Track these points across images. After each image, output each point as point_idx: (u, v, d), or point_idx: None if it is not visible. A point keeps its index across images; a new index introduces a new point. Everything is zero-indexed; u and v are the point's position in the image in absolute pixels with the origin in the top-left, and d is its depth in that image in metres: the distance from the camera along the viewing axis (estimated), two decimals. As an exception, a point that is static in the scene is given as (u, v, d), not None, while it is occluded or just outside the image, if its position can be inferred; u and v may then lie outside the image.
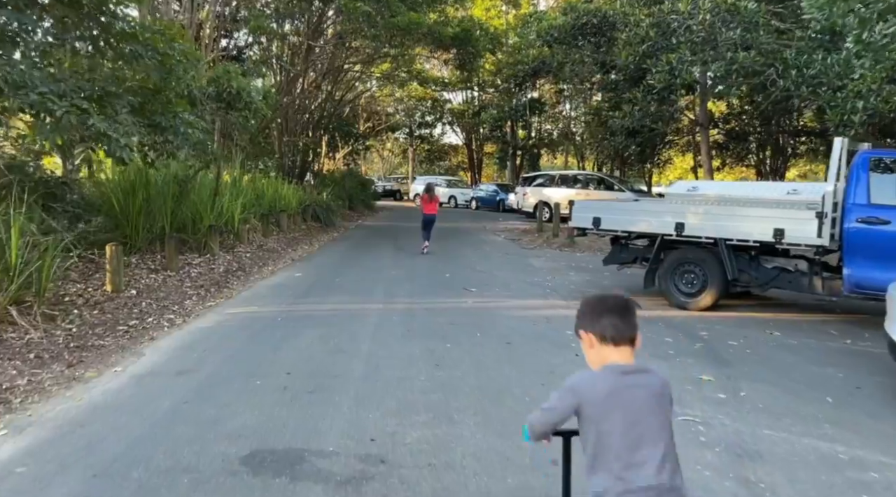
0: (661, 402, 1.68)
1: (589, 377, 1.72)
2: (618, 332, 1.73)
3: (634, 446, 1.61)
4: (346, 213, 22.94)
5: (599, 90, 20.64)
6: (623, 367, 1.70)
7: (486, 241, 15.58)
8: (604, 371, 1.71)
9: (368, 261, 11.15)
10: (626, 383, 1.67)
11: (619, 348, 1.73)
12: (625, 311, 1.76)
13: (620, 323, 1.74)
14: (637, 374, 1.70)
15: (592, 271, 10.19)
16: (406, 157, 48.83)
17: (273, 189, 15.31)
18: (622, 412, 1.63)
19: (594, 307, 1.80)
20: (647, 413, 1.64)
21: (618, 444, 1.61)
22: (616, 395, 1.65)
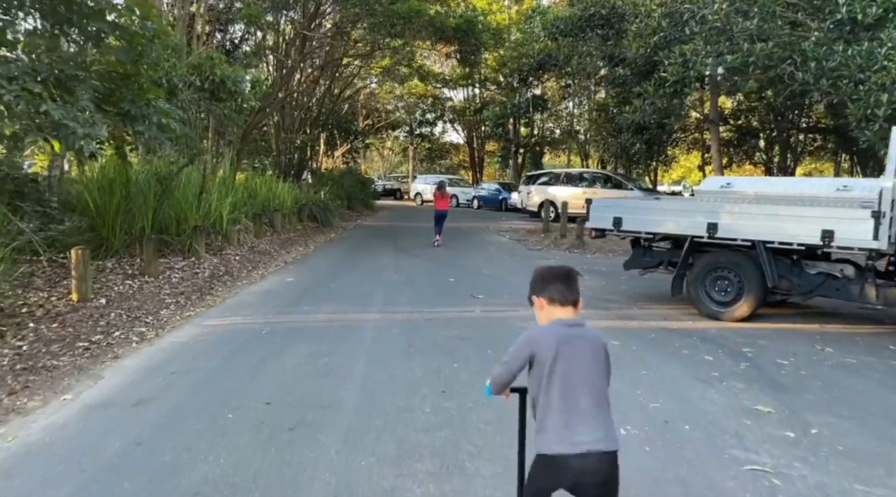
0: (597, 350, 2.01)
1: (540, 329, 2.06)
2: (562, 295, 2.06)
3: (578, 394, 1.92)
4: (345, 213, 22.22)
5: (606, 85, 19.90)
6: (567, 320, 2.04)
7: (490, 241, 14.84)
8: (552, 324, 2.05)
9: (367, 263, 10.41)
10: (570, 333, 2.00)
11: (564, 308, 2.06)
12: (568, 279, 2.10)
13: (565, 288, 2.07)
14: (578, 326, 2.03)
15: (607, 275, 9.46)
16: (406, 156, 48.09)
17: (267, 187, 14.58)
18: (566, 356, 1.95)
19: (544, 276, 2.15)
20: (586, 359, 1.97)
21: (562, 384, 1.93)
22: (562, 341, 1.97)
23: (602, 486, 1.92)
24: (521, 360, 2.03)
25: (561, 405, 1.92)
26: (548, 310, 2.09)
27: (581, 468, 1.89)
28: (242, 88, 7.57)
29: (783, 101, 18.55)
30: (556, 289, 2.08)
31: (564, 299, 2.06)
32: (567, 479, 1.92)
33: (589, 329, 2.04)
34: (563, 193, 21.05)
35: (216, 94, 7.42)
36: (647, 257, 7.13)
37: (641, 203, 7.29)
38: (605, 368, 2.01)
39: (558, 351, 1.95)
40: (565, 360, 1.94)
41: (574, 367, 1.95)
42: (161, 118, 5.82)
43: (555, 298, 2.07)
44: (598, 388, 1.96)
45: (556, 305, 2.06)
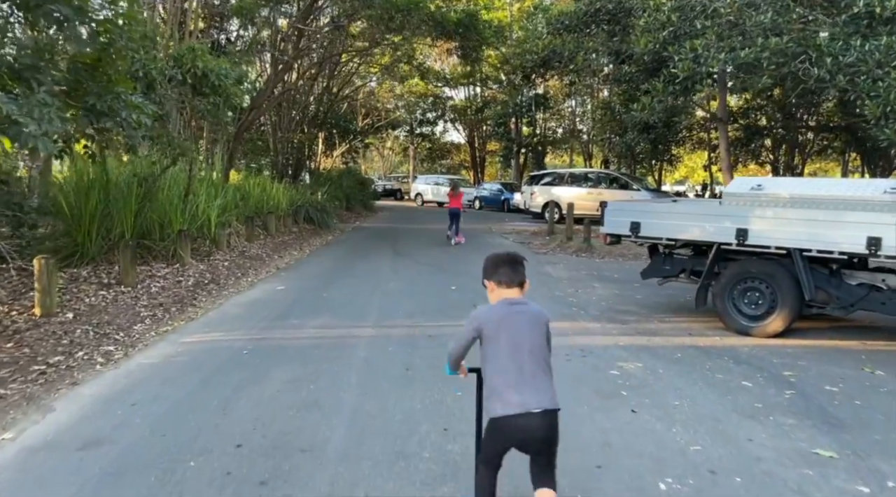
0: (538, 324, 2.34)
1: (487, 308, 2.39)
2: (508, 278, 2.40)
3: (522, 362, 2.24)
4: (343, 214, 21.63)
5: (612, 83, 19.30)
6: (511, 300, 2.37)
7: (493, 244, 14.24)
8: (498, 303, 2.39)
9: (363, 270, 9.81)
10: (513, 310, 2.34)
11: (511, 289, 2.39)
12: (514, 264, 2.44)
13: (510, 271, 2.41)
14: (521, 304, 2.37)
15: (620, 282, 8.85)
16: (407, 156, 47.50)
17: (260, 188, 13.99)
18: (509, 330, 2.29)
19: (493, 262, 2.47)
20: (527, 331, 2.30)
21: (508, 359, 2.24)
22: (506, 318, 2.31)
23: (544, 441, 2.23)
24: (469, 335, 2.36)
25: (506, 372, 2.22)
26: (497, 292, 2.40)
27: (526, 427, 2.18)
28: (227, 83, 6.97)
29: (794, 99, 17.93)
30: (503, 272, 2.39)
31: (510, 281, 2.37)
32: (515, 437, 2.23)
33: (531, 306, 2.37)
34: (568, 194, 20.48)
35: (198, 89, 6.83)
36: (667, 265, 6.53)
37: (661, 206, 6.68)
38: (546, 339, 2.35)
39: (501, 325, 2.27)
40: (508, 333, 2.26)
41: (516, 338, 2.26)
42: (131, 114, 5.22)
43: (502, 281, 2.38)
44: (539, 356, 2.27)
45: (504, 287, 2.38)
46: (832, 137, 25.06)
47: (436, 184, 34.25)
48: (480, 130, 41.96)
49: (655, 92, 15.02)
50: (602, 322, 6.35)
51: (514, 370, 2.22)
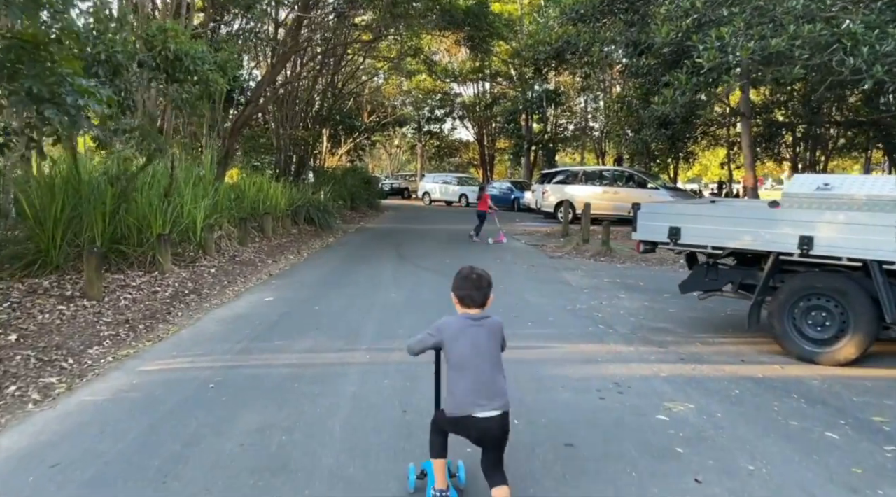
0: (494, 334, 2.63)
1: (450, 321, 2.65)
2: (472, 300, 2.64)
3: (483, 369, 2.54)
4: (347, 215, 20.81)
5: (629, 76, 18.33)
6: (472, 316, 2.63)
7: (504, 247, 13.35)
8: (460, 317, 2.65)
9: (363, 277, 8.95)
10: (471, 324, 2.61)
11: (472, 308, 2.64)
12: (479, 288, 2.64)
13: (476, 295, 2.63)
14: (481, 319, 2.63)
15: (647, 292, 7.94)
16: (414, 154, 46.64)
17: (256, 188, 13.16)
18: (469, 341, 2.57)
19: (462, 281, 2.67)
20: (485, 342, 2.59)
21: (464, 361, 2.55)
22: (464, 331, 2.59)
23: (496, 439, 2.55)
24: (430, 342, 2.67)
25: (465, 379, 2.54)
26: (461, 308, 2.67)
27: (486, 427, 2.51)
28: (204, 68, 6.12)
29: (822, 93, 16.88)
30: (467, 294, 2.64)
31: (473, 302, 2.64)
32: (471, 434, 2.56)
33: (490, 320, 2.65)
34: (582, 193, 19.53)
35: (172, 74, 5.98)
36: (711, 278, 5.61)
37: (704, 209, 5.74)
38: (499, 345, 2.67)
39: (461, 336, 2.58)
40: (468, 344, 2.57)
41: (476, 349, 2.56)
42: (79, 100, 4.37)
43: (465, 300, 2.65)
44: (495, 364, 2.59)
45: (467, 305, 2.65)
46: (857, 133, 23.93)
47: (444, 182, 33.37)
48: (489, 127, 41.04)
49: (678, 84, 14.05)
50: (635, 344, 5.44)
51: (473, 377, 2.53)
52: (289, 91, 20.47)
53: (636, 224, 5.77)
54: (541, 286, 8.40)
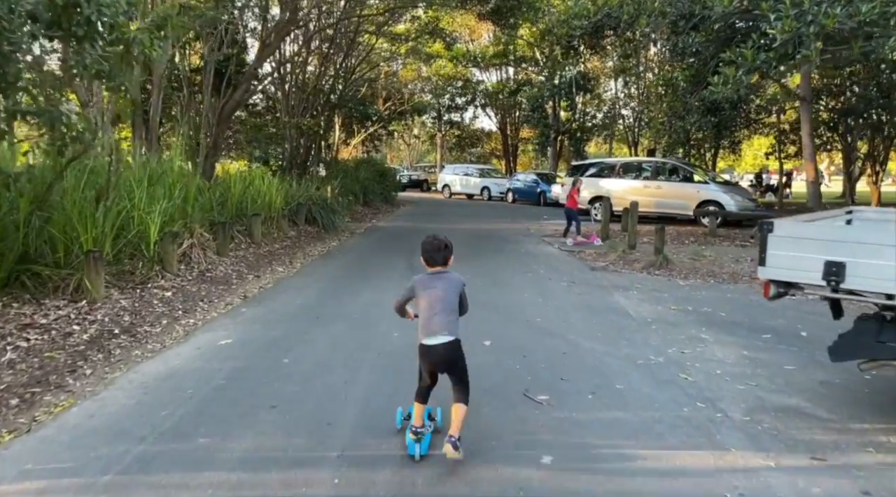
0: (453, 286, 3.32)
1: (419, 277, 3.38)
2: (434, 260, 3.35)
3: (435, 311, 3.24)
4: (358, 211, 18.91)
5: (677, 56, 16.07)
6: (435, 271, 3.36)
7: (535, 254, 11.31)
8: (426, 274, 3.38)
9: (360, 303, 7.00)
10: (434, 278, 3.33)
11: (435, 266, 3.36)
12: (438, 251, 3.35)
13: (436, 255, 3.35)
14: (442, 274, 3.35)
15: (738, 329, 5.85)
16: (434, 144, 44.58)
17: (244, 184, 11.29)
18: (429, 289, 3.29)
19: (425, 248, 3.38)
20: (441, 291, 3.28)
21: (428, 309, 3.26)
22: (428, 283, 3.32)
23: (448, 362, 3.28)
24: (406, 294, 3.44)
25: (425, 316, 3.27)
26: (427, 266, 3.38)
27: (434, 352, 3.25)
28: (119, 20, 4.21)
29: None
30: (430, 256, 3.36)
31: (435, 262, 3.35)
32: (429, 359, 3.29)
33: (449, 275, 3.37)
34: (620, 187, 17.40)
35: (68, 29, 4.08)
36: (884, 338, 3.52)
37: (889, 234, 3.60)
38: (458, 297, 3.34)
39: (426, 286, 3.30)
40: (428, 292, 3.28)
41: (433, 295, 3.26)
42: None
43: (429, 261, 3.37)
44: (448, 305, 3.27)
45: (431, 265, 3.37)
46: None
47: (465, 174, 31.33)
48: (513, 116, 38.82)
49: (743, 61, 11.77)
50: (766, 446, 3.41)
51: (430, 316, 3.25)
52: (296, 75, 18.59)
53: (765, 253, 3.68)
54: (590, 318, 6.37)
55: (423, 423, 3.32)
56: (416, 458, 3.19)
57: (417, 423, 3.27)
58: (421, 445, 3.22)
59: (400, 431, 3.49)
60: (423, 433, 3.26)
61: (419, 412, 3.32)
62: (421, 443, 3.23)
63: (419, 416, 3.31)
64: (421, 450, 3.21)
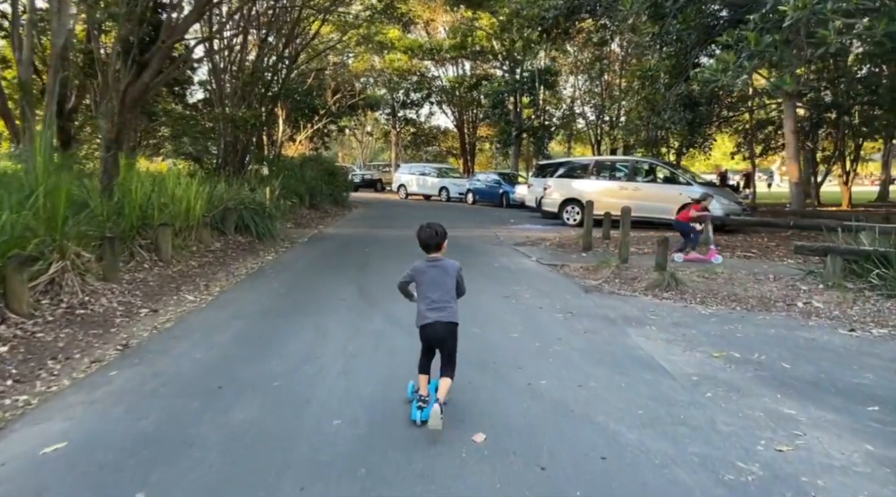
0: (448, 272, 3.69)
1: (418, 263, 3.75)
2: (428, 247, 3.74)
3: (431, 291, 3.65)
4: (303, 215, 16.76)
5: (658, 42, 14.55)
6: (431, 258, 3.73)
7: (511, 269, 9.48)
8: (422, 260, 3.75)
9: (288, 360, 4.96)
10: (431, 265, 3.71)
11: (431, 253, 3.74)
12: (432, 237, 3.72)
13: (430, 242, 3.72)
14: (437, 261, 3.72)
15: (846, 399, 4.11)
16: (389, 142, 42.44)
17: (151, 187, 9.05)
18: (426, 275, 3.69)
19: (420, 235, 3.76)
20: (438, 277, 3.67)
21: (425, 290, 3.67)
22: (425, 271, 3.70)
23: (443, 340, 3.65)
24: (406, 278, 3.77)
25: (424, 300, 3.66)
26: (425, 252, 3.76)
27: (432, 332, 3.64)
28: None
29: None
30: (424, 242, 3.74)
31: (429, 247, 3.73)
32: (428, 338, 3.69)
33: (445, 261, 3.73)
34: (594, 189, 15.76)
35: None
36: None
37: None
38: (455, 281, 3.72)
39: (423, 272, 3.69)
40: (426, 277, 3.68)
41: (430, 279, 3.66)
42: None
43: (425, 248, 3.75)
44: (445, 289, 3.66)
45: (427, 251, 3.75)
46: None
47: (422, 174, 29.43)
48: (471, 113, 37.12)
49: (746, 45, 10.18)
50: None
51: (428, 297, 3.65)
52: (227, 58, 16.29)
53: None
54: (614, 377, 4.53)
55: (429, 392, 3.69)
56: (418, 423, 3.54)
57: (422, 392, 3.70)
58: (423, 413, 3.53)
59: (409, 402, 3.81)
60: (427, 402, 3.58)
61: (423, 382, 3.75)
62: (424, 411, 3.54)
63: (424, 385, 3.74)
64: (423, 416, 3.52)
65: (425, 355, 3.78)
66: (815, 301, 6.83)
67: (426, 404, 3.56)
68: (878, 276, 6.52)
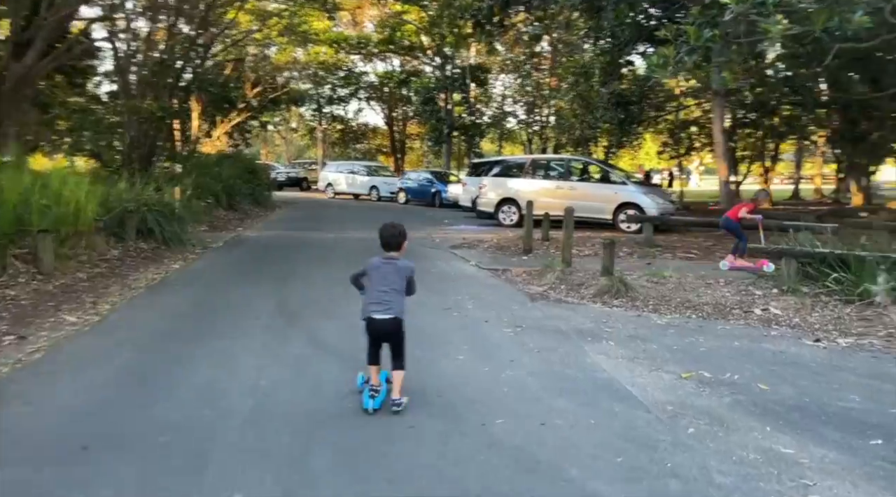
0: (399, 272, 3.74)
1: (373, 259, 3.80)
2: (389, 245, 3.80)
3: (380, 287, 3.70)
4: (220, 217, 15.44)
5: (594, 38, 14.23)
6: (387, 255, 3.80)
7: (450, 275, 8.75)
8: (378, 257, 3.81)
9: (179, 408, 4.00)
10: (385, 262, 3.77)
11: (389, 251, 3.80)
12: (393, 235, 3.81)
13: (391, 240, 3.80)
14: (392, 259, 3.78)
15: (850, 435, 3.58)
16: (314, 139, 40.90)
17: (32, 186, 7.72)
18: (379, 273, 3.74)
19: (382, 233, 3.83)
20: (390, 275, 3.72)
21: (374, 284, 3.72)
22: (379, 267, 3.76)
23: (388, 335, 3.71)
24: (359, 271, 3.86)
25: (372, 294, 3.71)
26: (384, 249, 3.82)
27: (380, 325, 3.67)
28: None
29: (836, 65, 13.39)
30: (384, 241, 3.81)
31: (390, 247, 3.80)
32: (373, 331, 3.72)
33: (400, 261, 3.78)
34: (530, 188, 15.26)
35: None
36: None
37: None
38: (405, 281, 3.76)
39: (377, 268, 3.75)
40: (377, 273, 3.73)
41: (381, 275, 3.71)
42: None
43: (384, 246, 3.81)
44: (393, 285, 3.70)
45: (386, 248, 3.81)
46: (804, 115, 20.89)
47: (351, 172, 28.32)
48: (401, 110, 36.25)
49: (688, 38, 9.84)
50: None
51: (375, 295, 3.69)
52: (131, 43, 14.74)
53: None
54: (580, 411, 3.85)
55: (380, 382, 3.79)
56: (370, 411, 3.61)
57: (374, 382, 3.77)
58: (375, 401, 3.64)
59: (359, 391, 3.84)
60: (379, 391, 3.73)
61: (374, 373, 3.79)
62: (375, 399, 3.65)
63: (374, 376, 3.79)
64: (374, 404, 3.63)
65: (373, 346, 3.82)
66: (773, 307, 6.46)
67: (378, 393, 3.69)
68: (836, 281, 6.19)
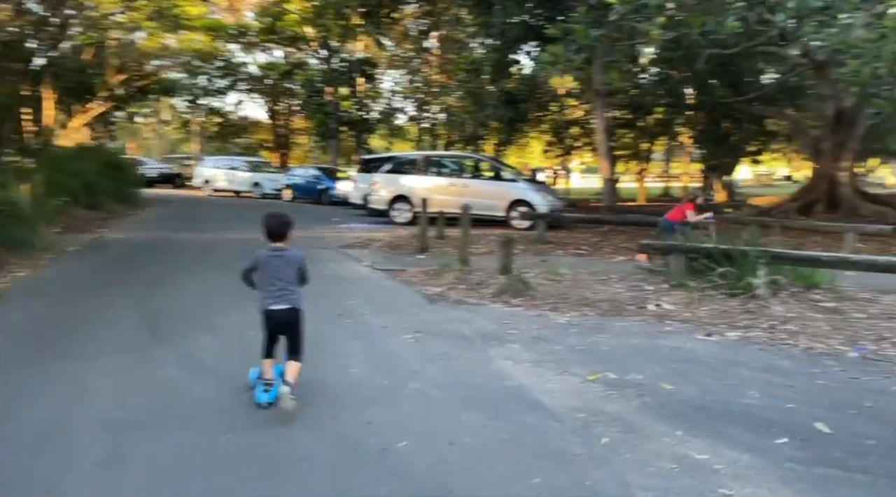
0: (290, 263, 3.73)
1: (260, 253, 3.74)
2: (273, 235, 3.74)
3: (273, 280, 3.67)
4: (79, 217, 13.81)
5: (484, 34, 14.20)
6: (274, 247, 3.74)
7: (344, 277, 8.26)
8: (266, 249, 3.75)
9: (16, 431, 3.27)
10: (274, 255, 3.72)
11: (276, 241, 3.74)
12: (278, 226, 3.75)
13: (275, 229, 3.74)
14: (280, 251, 3.73)
15: (758, 436, 3.54)
16: (189, 132, 38.25)
17: None
18: (268, 264, 3.70)
19: (265, 225, 3.76)
20: (282, 268, 3.70)
21: (267, 279, 3.69)
22: (267, 259, 3.71)
23: (285, 326, 3.70)
24: (249, 265, 3.78)
25: (265, 288, 3.70)
26: (269, 241, 3.76)
27: (278, 316, 3.68)
28: None
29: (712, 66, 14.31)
30: (268, 230, 3.75)
31: (274, 235, 3.74)
32: (269, 323, 3.71)
33: (289, 252, 3.76)
34: (422, 186, 15.02)
35: None
36: None
37: None
38: (297, 271, 3.76)
39: (266, 262, 3.70)
40: (268, 266, 3.69)
41: (272, 269, 3.68)
42: None
43: (269, 236, 3.75)
44: (285, 278, 3.69)
45: (272, 239, 3.75)
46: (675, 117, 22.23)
47: (231, 168, 26.72)
48: (285, 103, 34.77)
49: (578, 37, 9.97)
50: None
51: (270, 287, 3.67)
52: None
53: None
54: (486, 426, 3.56)
55: (274, 376, 3.68)
56: (264, 405, 3.55)
57: (267, 376, 3.69)
58: (268, 395, 3.57)
59: (251, 387, 3.77)
60: (273, 385, 3.60)
61: (268, 366, 3.73)
62: (269, 393, 3.58)
63: (268, 370, 3.72)
64: (268, 398, 3.56)
65: (269, 340, 3.78)
66: (665, 303, 6.58)
67: (271, 388, 3.60)
68: (721, 275, 6.42)
